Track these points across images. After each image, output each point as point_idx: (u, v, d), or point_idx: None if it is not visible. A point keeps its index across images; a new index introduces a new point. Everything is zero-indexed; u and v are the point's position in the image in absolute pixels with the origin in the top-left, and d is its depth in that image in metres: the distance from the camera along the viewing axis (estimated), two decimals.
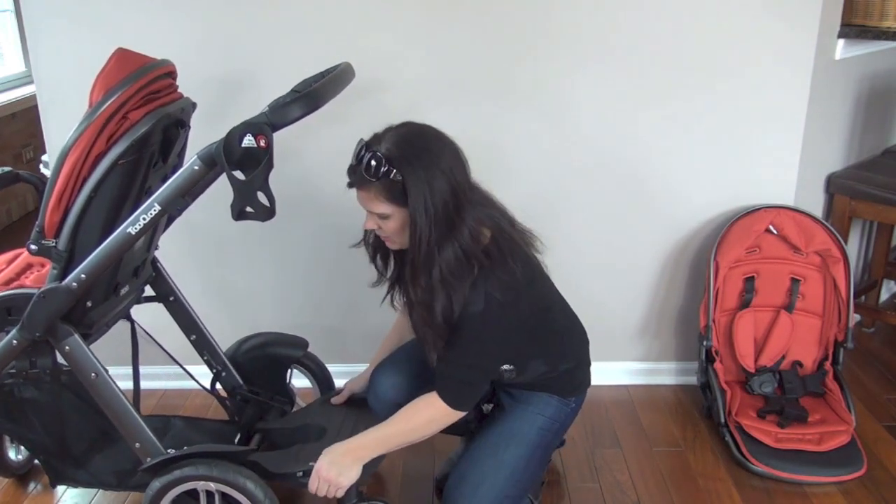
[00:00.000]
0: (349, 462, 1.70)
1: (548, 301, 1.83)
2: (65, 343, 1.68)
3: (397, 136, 1.60)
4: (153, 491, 1.73)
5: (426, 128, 1.65)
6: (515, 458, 1.79)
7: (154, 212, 1.56)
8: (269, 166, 1.49)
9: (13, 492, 2.15)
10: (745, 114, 2.37)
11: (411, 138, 1.61)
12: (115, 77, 1.58)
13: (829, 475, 2.14)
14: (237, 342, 2.21)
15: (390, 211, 1.60)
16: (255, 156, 1.47)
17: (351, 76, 1.77)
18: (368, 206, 1.62)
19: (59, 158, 1.55)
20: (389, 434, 1.73)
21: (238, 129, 1.47)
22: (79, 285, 1.61)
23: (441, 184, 1.57)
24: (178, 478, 1.72)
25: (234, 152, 1.47)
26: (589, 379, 1.95)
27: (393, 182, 1.56)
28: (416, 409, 1.72)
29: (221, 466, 1.71)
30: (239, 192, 1.49)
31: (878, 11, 2.52)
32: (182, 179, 1.55)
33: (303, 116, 1.51)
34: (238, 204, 1.50)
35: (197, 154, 1.53)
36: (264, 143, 1.47)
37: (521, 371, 1.81)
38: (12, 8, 4.63)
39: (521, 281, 1.67)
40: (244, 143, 1.47)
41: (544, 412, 1.85)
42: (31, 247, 1.61)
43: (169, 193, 1.56)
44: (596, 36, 2.30)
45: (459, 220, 1.60)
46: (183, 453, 1.74)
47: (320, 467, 1.69)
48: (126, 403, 1.74)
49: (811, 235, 2.38)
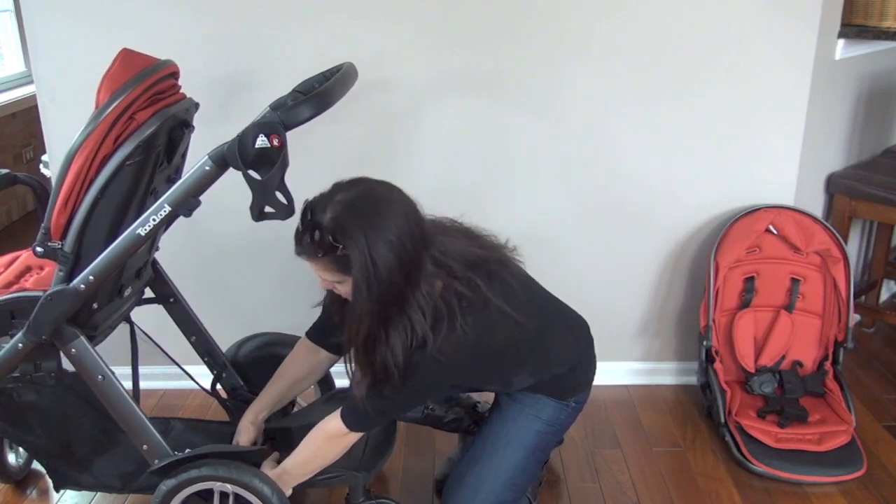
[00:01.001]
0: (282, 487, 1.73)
1: (522, 325, 1.70)
2: (71, 346, 1.67)
3: (343, 203, 1.53)
4: (162, 493, 1.72)
5: (375, 189, 1.59)
6: (513, 462, 1.79)
7: (164, 212, 1.56)
8: (285, 165, 1.48)
9: (12, 496, 2.14)
10: (745, 114, 2.37)
11: (358, 204, 1.54)
12: (121, 78, 1.57)
13: (829, 475, 2.14)
14: (237, 343, 2.20)
15: (340, 279, 1.58)
16: (270, 155, 1.47)
17: (355, 76, 1.77)
18: (318, 274, 1.60)
19: (66, 160, 1.55)
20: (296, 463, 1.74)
21: (251, 129, 1.47)
22: (87, 287, 1.61)
23: (386, 254, 1.51)
24: (188, 479, 1.71)
25: (248, 153, 1.47)
26: (590, 378, 1.92)
27: (337, 255, 1.53)
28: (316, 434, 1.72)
29: (231, 467, 1.71)
30: (257, 192, 1.48)
31: (878, 11, 2.52)
32: (193, 180, 1.54)
33: (313, 117, 1.51)
34: (258, 204, 1.49)
35: (208, 154, 1.53)
36: (278, 143, 1.46)
37: (506, 387, 1.81)
38: (12, 8, 4.63)
39: (470, 340, 1.60)
40: (258, 143, 1.46)
41: (541, 415, 1.84)
42: (36, 249, 1.60)
43: (179, 194, 1.55)
44: (596, 36, 2.30)
45: (407, 288, 1.55)
46: (192, 454, 1.73)
47: None
48: (133, 405, 1.73)
49: (811, 235, 2.38)
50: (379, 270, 1.51)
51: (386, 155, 2.40)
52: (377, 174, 1.96)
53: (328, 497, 2.11)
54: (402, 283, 1.54)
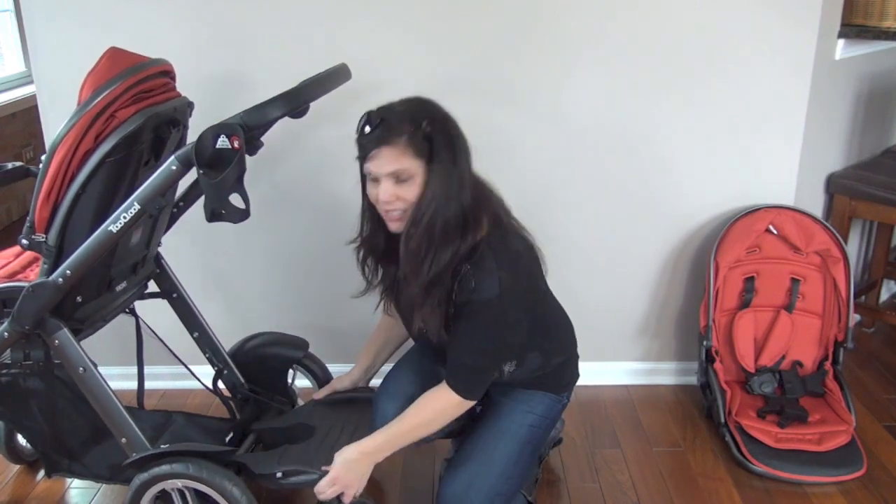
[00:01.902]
0: (365, 465, 1.71)
1: (543, 290, 1.85)
2: (54, 337, 1.70)
3: (410, 100, 1.62)
4: (135, 486, 1.74)
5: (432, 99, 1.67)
6: (506, 455, 1.79)
7: (133, 210, 1.56)
8: (241, 168, 1.47)
9: (24, 478, 2.19)
10: (745, 114, 2.37)
11: (426, 103, 1.63)
12: (105, 75, 1.58)
13: (829, 475, 2.14)
14: (239, 342, 2.21)
15: (415, 169, 1.58)
16: (227, 157, 1.46)
17: (344, 77, 1.76)
18: (392, 164, 1.58)
19: (48, 154, 1.57)
20: (401, 431, 1.73)
21: (211, 130, 1.46)
22: (64, 281, 1.63)
23: (460, 143, 1.61)
24: (158, 475, 1.72)
25: (206, 153, 1.47)
26: (578, 374, 1.97)
27: (422, 135, 1.56)
28: (426, 403, 1.72)
29: (199, 465, 1.71)
30: (210, 193, 1.48)
31: (878, 11, 2.52)
32: (160, 179, 1.55)
33: (281, 117, 1.50)
34: (210, 205, 1.49)
35: (174, 154, 1.53)
36: (238, 144, 1.45)
37: (520, 363, 1.82)
38: (12, 8, 4.63)
39: (527, 266, 1.69)
40: (218, 143, 1.45)
41: (535, 410, 1.86)
42: (22, 241, 1.63)
43: (148, 193, 1.56)
44: (595, 37, 2.29)
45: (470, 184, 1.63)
46: (164, 450, 1.74)
47: (336, 470, 1.69)
48: (114, 398, 1.75)
49: (811, 235, 2.38)
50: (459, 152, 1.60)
51: None
52: None
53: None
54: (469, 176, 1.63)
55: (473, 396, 1.71)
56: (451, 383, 1.69)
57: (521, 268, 1.69)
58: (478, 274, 1.62)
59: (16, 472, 2.22)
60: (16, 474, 2.21)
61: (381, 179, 1.60)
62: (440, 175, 1.58)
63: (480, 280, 1.61)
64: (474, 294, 1.62)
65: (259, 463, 1.79)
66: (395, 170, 1.58)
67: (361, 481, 1.71)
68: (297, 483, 1.76)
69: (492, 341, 1.68)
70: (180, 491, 1.75)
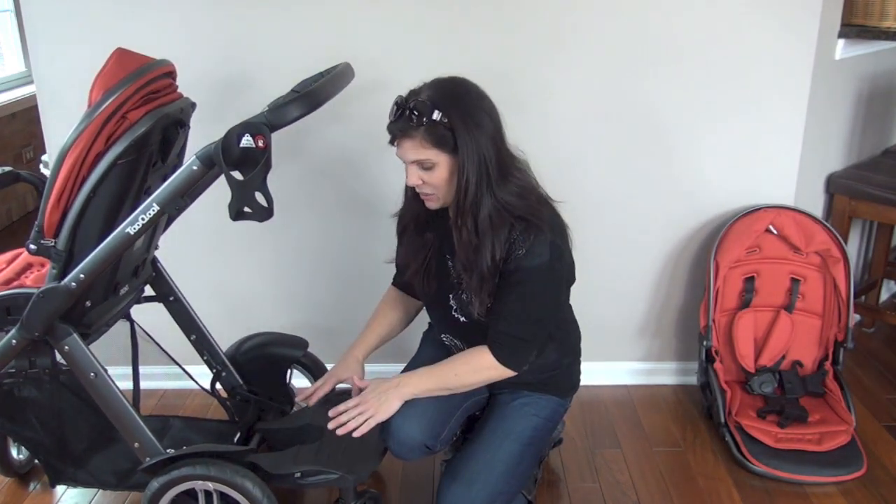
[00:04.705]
0: (392, 395, 1.73)
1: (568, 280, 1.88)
2: (64, 343, 1.68)
3: (437, 84, 1.64)
4: (152, 490, 1.73)
5: (462, 78, 1.68)
6: (508, 455, 1.79)
7: (153, 212, 1.56)
8: (268, 167, 1.49)
9: (14, 491, 2.16)
10: (745, 114, 2.37)
11: (452, 86, 1.65)
12: (115, 77, 1.57)
13: (829, 475, 2.14)
14: (237, 342, 2.20)
15: (436, 158, 1.61)
16: (254, 156, 1.47)
17: (350, 76, 1.77)
18: (413, 154, 1.63)
19: (59, 158, 1.55)
20: (435, 374, 1.76)
21: (236, 129, 1.47)
22: (78, 285, 1.61)
23: (487, 125, 1.61)
24: (177, 477, 1.72)
25: (232, 153, 1.47)
26: (580, 380, 2.00)
27: (439, 126, 1.58)
28: (467, 356, 1.75)
29: (220, 466, 1.71)
30: (237, 192, 1.49)
31: (878, 11, 2.52)
32: (181, 180, 1.55)
33: (301, 117, 1.51)
34: (236, 204, 1.50)
35: (196, 154, 1.53)
36: (263, 144, 1.46)
37: (540, 352, 1.81)
38: (12, 8, 4.63)
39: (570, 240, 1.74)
40: (242, 143, 1.46)
41: (541, 413, 1.87)
42: (30, 246, 1.61)
43: (168, 194, 1.56)
44: (595, 37, 2.30)
45: (504, 163, 1.66)
46: (182, 453, 1.73)
47: (366, 395, 1.73)
48: (125, 403, 1.74)
49: (811, 235, 2.38)
50: (482, 137, 1.60)
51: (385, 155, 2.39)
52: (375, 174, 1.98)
53: (324, 497, 2.12)
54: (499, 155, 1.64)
55: (515, 367, 1.72)
56: (495, 350, 1.70)
57: (568, 239, 1.73)
58: (528, 240, 1.65)
59: (6, 484, 2.18)
60: (6, 486, 2.17)
61: (407, 165, 1.66)
62: (470, 161, 1.60)
63: (531, 246, 1.65)
64: (525, 261, 1.65)
65: (276, 463, 1.79)
66: (416, 159, 1.64)
67: (386, 412, 1.72)
68: (316, 483, 1.76)
69: (539, 310, 1.71)
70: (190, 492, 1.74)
